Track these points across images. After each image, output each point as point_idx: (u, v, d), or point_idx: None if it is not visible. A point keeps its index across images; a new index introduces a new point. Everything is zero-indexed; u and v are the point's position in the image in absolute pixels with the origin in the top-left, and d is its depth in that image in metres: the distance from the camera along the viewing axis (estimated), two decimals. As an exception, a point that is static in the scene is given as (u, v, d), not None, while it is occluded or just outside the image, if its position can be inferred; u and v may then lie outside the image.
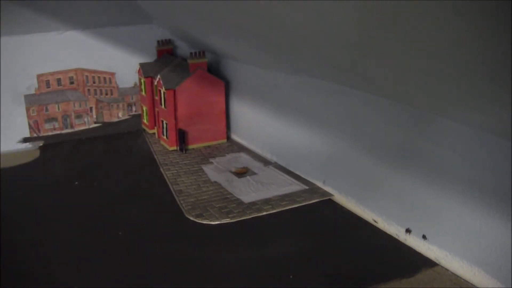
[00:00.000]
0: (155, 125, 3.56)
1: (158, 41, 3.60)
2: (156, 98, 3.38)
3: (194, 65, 3.17)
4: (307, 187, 2.61)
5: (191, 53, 3.19)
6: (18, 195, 2.66)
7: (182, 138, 3.21)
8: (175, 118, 3.20)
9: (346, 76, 2.08)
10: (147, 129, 3.65)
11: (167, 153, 3.23)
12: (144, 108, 3.60)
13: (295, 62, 2.40)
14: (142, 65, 3.46)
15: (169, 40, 3.64)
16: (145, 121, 3.66)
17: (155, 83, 3.30)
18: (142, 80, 3.48)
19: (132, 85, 3.67)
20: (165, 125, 3.29)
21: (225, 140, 3.41)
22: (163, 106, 3.25)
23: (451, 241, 1.84)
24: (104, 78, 3.58)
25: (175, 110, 3.18)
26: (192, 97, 3.19)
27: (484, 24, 0.97)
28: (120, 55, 3.56)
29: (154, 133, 3.58)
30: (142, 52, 3.61)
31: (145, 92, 3.50)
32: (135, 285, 1.84)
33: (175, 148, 3.27)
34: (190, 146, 3.28)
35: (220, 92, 3.29)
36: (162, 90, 3.18)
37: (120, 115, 3.71)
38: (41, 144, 3.44)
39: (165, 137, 3.33)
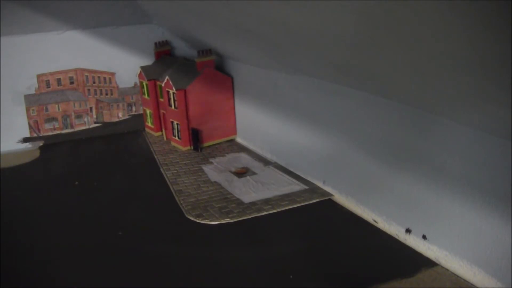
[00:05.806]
0: (161, 127, 3.55)
1: (155, 43, 3.58)
2: (161, 100, 3.36)
3: (202, 63, 3.16)
4: (307, 187, 2.61)
5: (198, 51, 3.17)
6: (18, 195, 2.66)
7: (196, 137, 3.19)
8: (187, 118, 3.19)
9: (346, 76, 2.09)
10: (152, 132, 3.62)
11: (167, 153, 3.23)
12: (148, 112, 3.58)
13: (295, 62, 2.40)
14: (143, 68, 3.45)
15: (166, 41, 3.63)
16: (149, 124, 3.64)
17: (162, 84, 3.26)
18: (145, 83, 3.45)
19: (132, 85, 3.67)
20: (176, 126, 3.28)
21: (235, 136, 3.41)
22: (173, 107, 3.23)
23: (451, 241, 1.84)
24: (104, 78, 3.58)
25: (187, 110, 3.17)
26: (202, 95, 3.19)
27: (484, 24, 0.97)
28: (120, 55, 3.56)
29: (161, 136, 3.55)
30: (142, 52, 3.61)
31: (148, 95, 3.48)
32: (135, 285, 1.84)
33: (189, 148, 3.26)
34: (203, 145, 3.28)
35: (228, 89, 3.29)
36: (172, 91, 3.17)
37: (120, 115, 3.71)
38: (41, 144, 3.44)
39: (177, 138, 3.31)
